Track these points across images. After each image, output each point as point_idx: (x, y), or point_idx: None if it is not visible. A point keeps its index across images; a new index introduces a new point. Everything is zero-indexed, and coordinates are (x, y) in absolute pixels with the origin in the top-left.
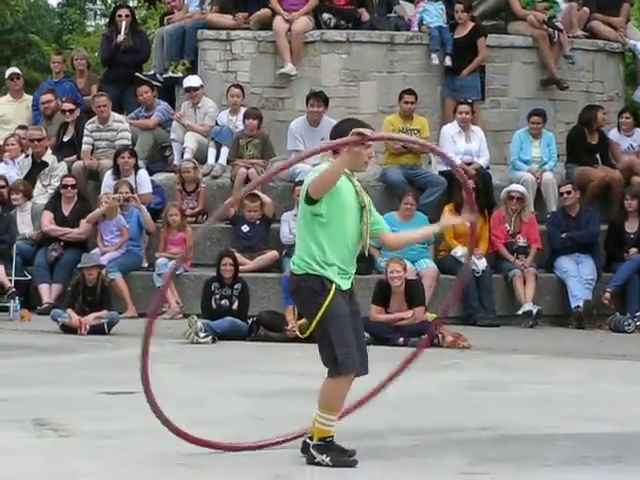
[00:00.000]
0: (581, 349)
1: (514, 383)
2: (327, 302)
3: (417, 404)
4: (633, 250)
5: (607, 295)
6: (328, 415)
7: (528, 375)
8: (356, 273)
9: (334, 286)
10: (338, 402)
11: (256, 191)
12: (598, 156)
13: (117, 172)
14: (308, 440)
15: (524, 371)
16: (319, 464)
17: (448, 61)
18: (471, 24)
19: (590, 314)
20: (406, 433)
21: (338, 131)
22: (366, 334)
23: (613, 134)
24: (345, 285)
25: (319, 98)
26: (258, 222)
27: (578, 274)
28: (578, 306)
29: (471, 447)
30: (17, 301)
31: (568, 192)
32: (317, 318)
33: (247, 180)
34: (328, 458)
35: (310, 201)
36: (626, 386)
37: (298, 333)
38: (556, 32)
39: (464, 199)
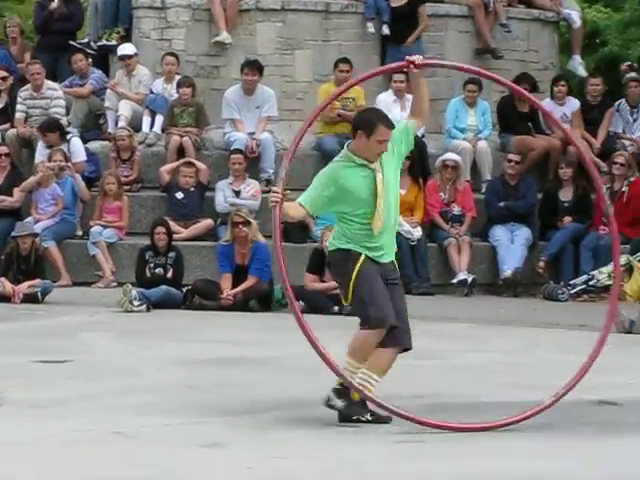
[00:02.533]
0: (515, 317)
1: (449, 352)
2: (357, 267)
3: None
4: (567, 219)
5: (541, 264)
6: (353, 361)
7: (463, 343)
8: (291, 241)
9: (363, 255)
10: (365, 352)
11: (190, 158)
12: (530, 125)
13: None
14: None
15: (459, 339)
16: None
17: (386, 30)
18: None
19: (517, 283)
20: None
21: (361, 119)
22: (301, 302)
23: (546, 103)
24: (378, 258)
25: (254, 67)
26: (192, 189)
27: (511, 243)
28: (506, 277)
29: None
30: None
31: (516, 162)
32: (351, 284)
33: (181, 148)
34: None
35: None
36: (560, 354)
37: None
38: (491, 1)
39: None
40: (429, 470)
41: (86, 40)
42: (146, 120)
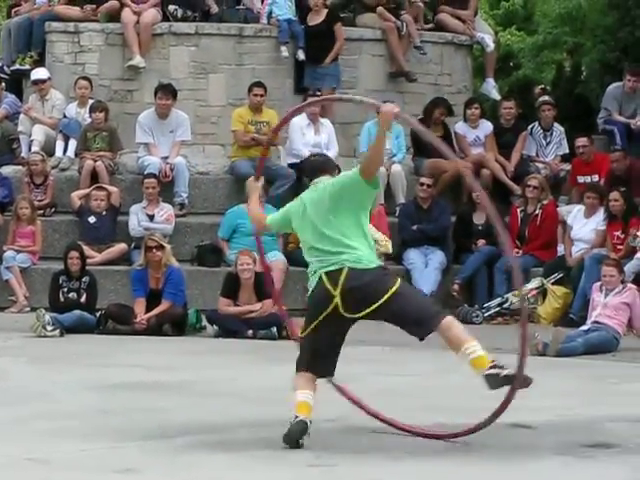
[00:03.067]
0: (429, 341)
1: (363, 375)
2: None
3: (265, 396)
4: (481, 242)
5: (455, 287)
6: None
7: (376, 367)
8: (205, 265)
9: None
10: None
11: (102, 184)
12: None
13: None
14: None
15: (373, 363)
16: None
17: (301, 55)
18: (325, 10)
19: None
20: (255, 426)
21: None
22: (215, 327)
23: (460, 126)
24: None
25: (167, 91)
26: (105, 212)
27: (425, 266)
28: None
29: (319, 439)
30: None
31: (428, 185)
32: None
33: (94, 173)
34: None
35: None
36: (473, 377)
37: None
38: (404, 24)
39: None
40: None
41: None
42: (59, 144)
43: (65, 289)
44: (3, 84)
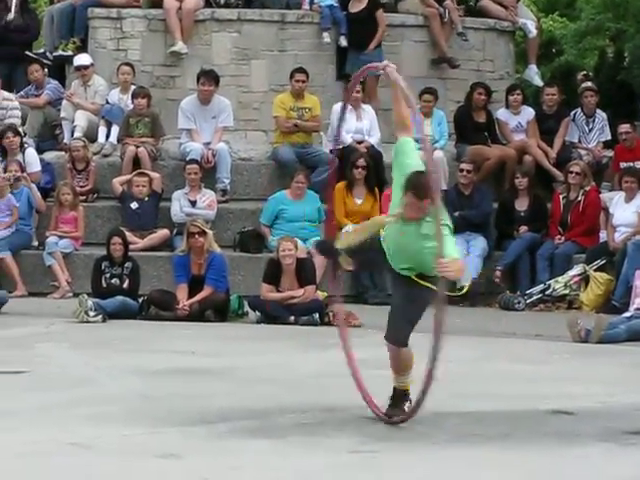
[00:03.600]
0: (471, 327)
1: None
2: None
3: (306, 383)
4: (523, 228)
5: (497, 273)
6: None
7: (418, 354)
8: (247, 251)
9: None
10: None
11: (144, 169)
12: (486, 134)
13: (4, 152)
14: None
15: (414, 349)
16: None
17: (343, 41)
18: None
19: (476, 293)
20: (295, 412)
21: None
22: (257, 313)
23: (502, 112)
24: None
25: (210, 77)
26: (147, 199)
27: (468, 253)
28: (463, 286)
29: (360, 425)
30: None
31: (468, 171)
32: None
33: (136, 159)
34: None
35: None
36: (515, 364)
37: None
38: (447, 11)
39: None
40: None
41: (42, 50)
42: (102, 130)
43: (107, 275)
44: (46, 70)
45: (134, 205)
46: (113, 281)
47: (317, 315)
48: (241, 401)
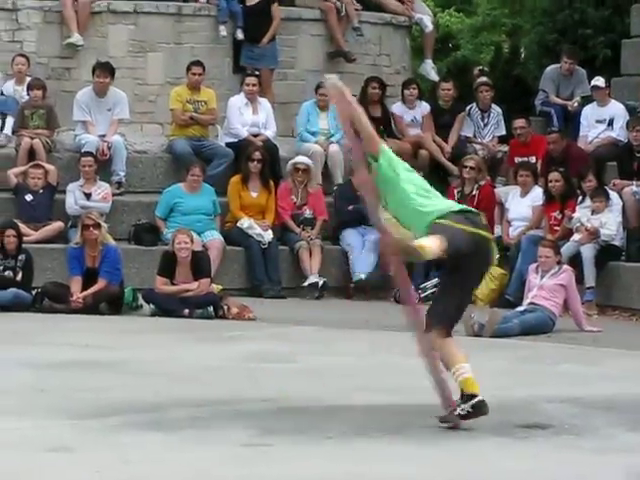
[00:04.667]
0: (365, 320)
1: (298, 355)
2: None
3: (200, 376)
4: None
5: (392, 267)
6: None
7: (312, 347)
8: (141, 244)
9: None
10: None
11: (39, 161)
12: (382, 128)
13: None
14: None
15: (308, 343)
16: None
17: (240, 34)
18: None
19: (371, 286)
20: (188, 405)
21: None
22: (151, 305)
23: (397, 107)
24: None
25: (105, 69)
26: (41, 191)
27: (362, 246)
28: (360, 279)
29: (253, 419)
30: None
31: None
32: None
33: (32, 150)
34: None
35: None
36: (408, 357)
37: None
38: (343, 5)
39: None
40: (281, 473)
41: None
42: None
43: (1, 267)
44: None
45: (29, 197)
46: (6, 273)
47: (212, 308)
48: (135, 394)
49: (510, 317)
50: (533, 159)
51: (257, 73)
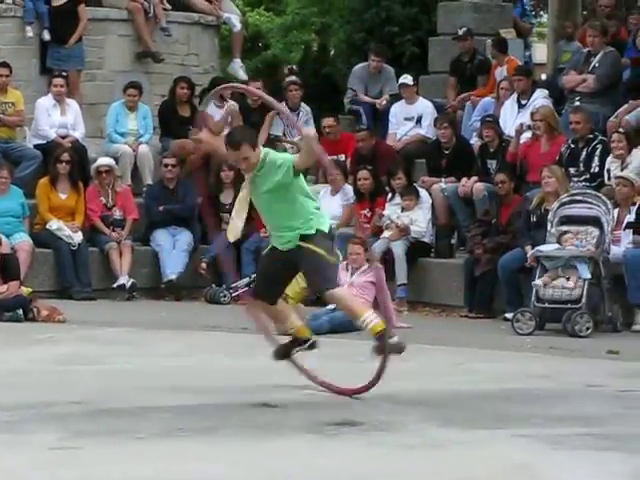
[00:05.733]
0: (177, 321)
1: (108, 356)
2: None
3: (8, 380)
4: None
5: (203, 265)
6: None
7: (123, 348)
8: None
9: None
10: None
11: None
12: (191, 128)
13: None
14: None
15: (119, 344)
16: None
17: (47, 35)
18: None
19: (180, 287)
20: None
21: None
22: None
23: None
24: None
25: None
26: None
27: (173, 247)
28: (170, 280)
29: (63, 422)
30: None
31: (173, 165)
32: None
33: None
34: None
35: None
36: (221, 357)
37: None
38: (151, 5)
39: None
40: (92, 475)
41: None
42: None
43: None
44: None
45: None
46: None
47: (21, 311)
48: None
49: (319, 314)
50: (342, 157)
51: (64, 74)
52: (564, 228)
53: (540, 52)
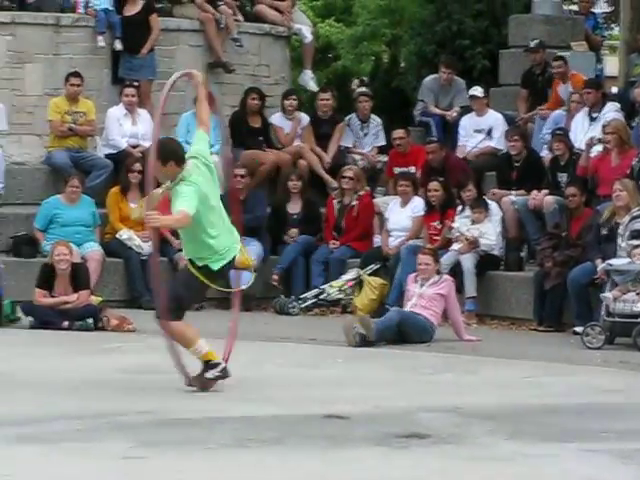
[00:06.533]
0: (247, 331)
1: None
2: None
3: (80, 388)
4: (293, 231)
5: (275, 277)
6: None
7: (192, 358)
8: (20, 256)
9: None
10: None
11: None
12: (262, 139)
13: None
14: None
15: (188, 354)
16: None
17: (118, 45)
18: (141, 2)
19: (251, 297)
20: (68, 418)
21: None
22: (30, 318)
23: (276, 117)
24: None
25: None
26: None
27: None
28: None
29: (133, 431)
30: None
31: (242, 175)
32: None
33: None
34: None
35: None
36: (290, 368)
37: None
38: (223, 16)
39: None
40: None
41: None
42: None
43: None
44: None
45: None
46: None
47: (91, 320)
48: (14, 407)
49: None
50: (412, 169)
51: (136, 84)
52: (635, 242)
53: (611, 65)
